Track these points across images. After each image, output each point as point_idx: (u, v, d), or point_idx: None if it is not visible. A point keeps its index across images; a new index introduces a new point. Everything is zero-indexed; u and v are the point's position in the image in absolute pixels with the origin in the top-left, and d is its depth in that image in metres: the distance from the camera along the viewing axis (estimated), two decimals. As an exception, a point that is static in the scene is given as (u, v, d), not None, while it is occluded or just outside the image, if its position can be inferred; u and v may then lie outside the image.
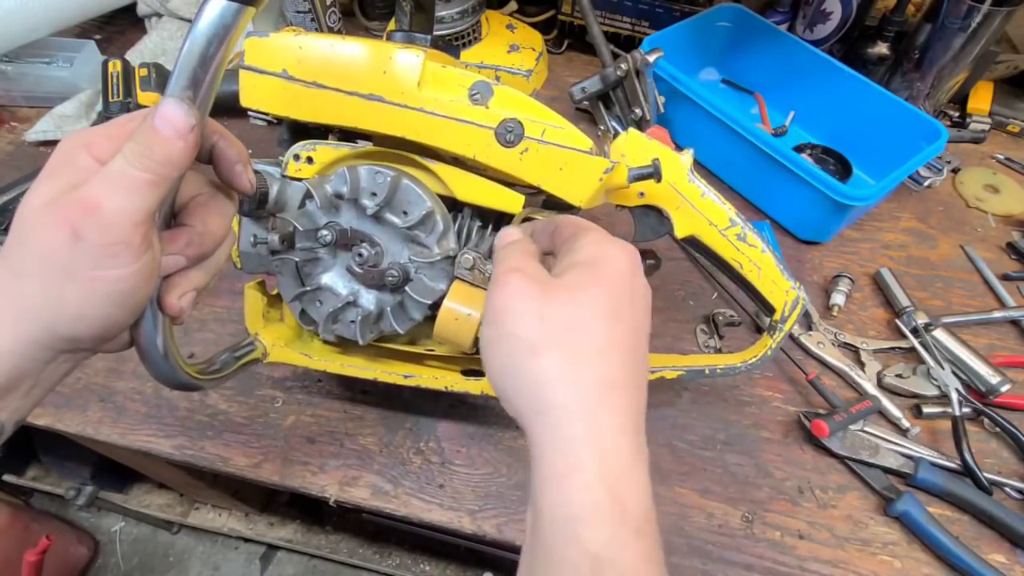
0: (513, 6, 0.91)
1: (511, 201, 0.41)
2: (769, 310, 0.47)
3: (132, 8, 0.87)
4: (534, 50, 0.84)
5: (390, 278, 0.41)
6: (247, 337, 0.46)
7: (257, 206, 0.40)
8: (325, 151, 0.42)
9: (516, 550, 0.51)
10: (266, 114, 0.41)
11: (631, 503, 0.26)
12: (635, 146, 0.43)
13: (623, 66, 0.71)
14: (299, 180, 0.42)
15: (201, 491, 1.07)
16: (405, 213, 0.41)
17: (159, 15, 0.87)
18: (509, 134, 0.38)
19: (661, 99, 0.75)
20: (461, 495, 0.51)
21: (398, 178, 0.40)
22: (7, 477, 1.17)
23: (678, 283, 0.66)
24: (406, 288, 0.42)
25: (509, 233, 0.36)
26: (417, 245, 0.42)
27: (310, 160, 0.42)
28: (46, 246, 0.25)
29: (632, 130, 0.44)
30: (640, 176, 0.41)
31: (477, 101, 0.39)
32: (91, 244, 0.24)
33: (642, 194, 0.45)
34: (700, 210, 0.45)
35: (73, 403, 0.55)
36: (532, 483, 0.27)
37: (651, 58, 0.69)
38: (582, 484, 0.25)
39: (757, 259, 0.46)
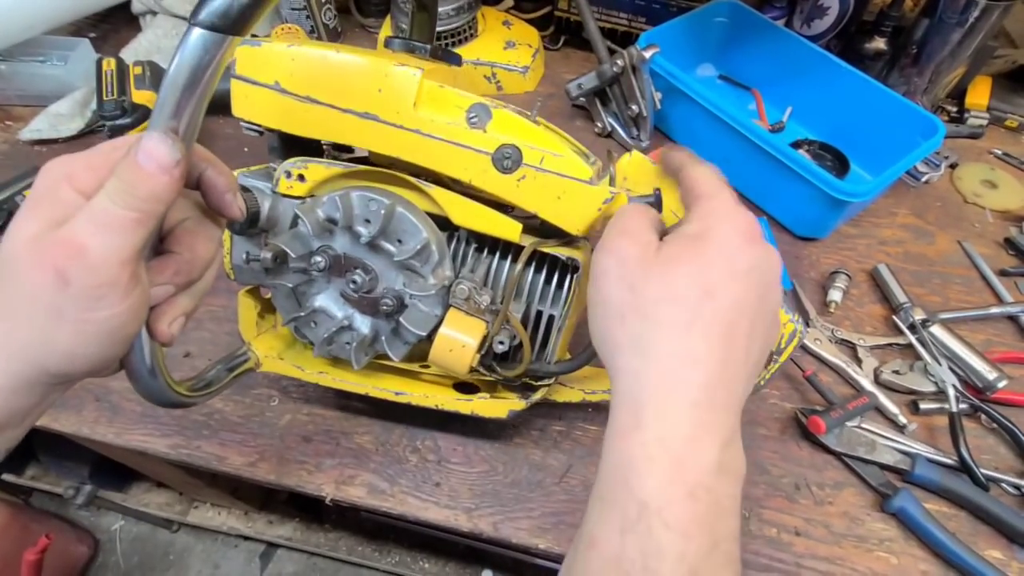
0: (509, 2, 0.91)
1: (508, 228, 0.40)
2: None
3: (126, 6, 0.87)
4: (530, 47, 0.84)
5: (384, 306, 0.40)
6: (240, 348, 0.46)
7: (249, 225, 0.39)
8: (317, 169, 0.40)
9: (514, 548, 0.51)
10: (258, 126, 0.40)
11: (690, 469, 0.26)
12: (638, 170, 0.42)
13: (619, 62, 0.71)
14: (291, 198, 0.41)
15: (200, 489, 1.07)
16: (400, 242, 0.40)
17: (153, 13, 0.87)
18: (507, 160, 0.37)
19: (658, 95, 0.75)
20: (457, 493, 0.51)
21: (392, 207, 0.39)
22: (6, 476, 1.17)
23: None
24: (400, 318, 0.41)
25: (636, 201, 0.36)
26: (412, 273, 0.41)
27: (302, 178, 0.41)
28: (32, 289, 0.24)
29: (636, 153, 0.43)
30: None
31: (475, 124, 0.38)
32: (78, 287, 0.24)
33: None
34: None
35: (69, 403, 0.55)
36: (606, 432, 0.29)
37: (647, 54, 0.69)
38: (640, 441, 0.26)
39: None
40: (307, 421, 0.55)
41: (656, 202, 0.40)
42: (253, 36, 0.39)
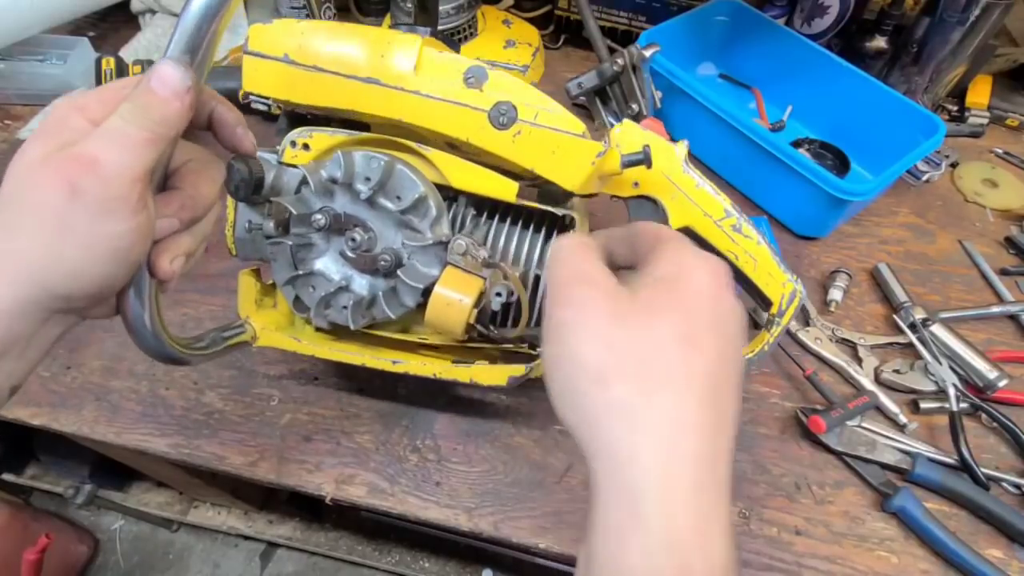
0: (509, 1, 0.90)
1: (505, 188, 0.41)
2: (766, 304, 0.47)
3: (126, 5, 0.87)
4: (530, 45, 0.84)
5: (383, 262, 0.41)
6: (237, 320, 0.46)
7: (253, 191, 0.41)
8: (321, 138, 0.42)
9: (514, 547, 0.51)
10: (267, 98, 0.42)
11: (698, 573, 0.22)
12: (629, 136, 0.44)
13: (620, 61, 0.71)
14: (295, 167, 0.43)
15: (200, 489, 1.07)
16: (399, 198, 0.41)
17: (153, 12, 0.87)
18: (502, 116, 0.39)
19: (658, 94, 0.75)
20: (458, 492, 0.51)
21: (392, 163, 0.40)
22: (6, 476, 1.17)
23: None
24: (398, 272, 0.42)
25: (570, 234, 0.34)
26: (410, 230, 0.42)
27: (306, 147, 0.42)
28: (43, 202, 0.25)
29: (627, 121, 0.45)
30: (631, 162, 0.41)
31: (472, 85, 0.39)
32: (89, 199, 0.25)
33: (636, 184, 0.45)
34: (695, 200, 0.45)
35: (68, 402, 0.55)
36: (590, 522, 0.24)
37: (648, 53, 0.69)
38: (644, 548, 0.22)
39: (753, 251, 0.45)
40: (307, 421, 0.54)
41: (646, 158, 0.41)
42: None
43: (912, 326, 0.59)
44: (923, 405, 0.56)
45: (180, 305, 0.61)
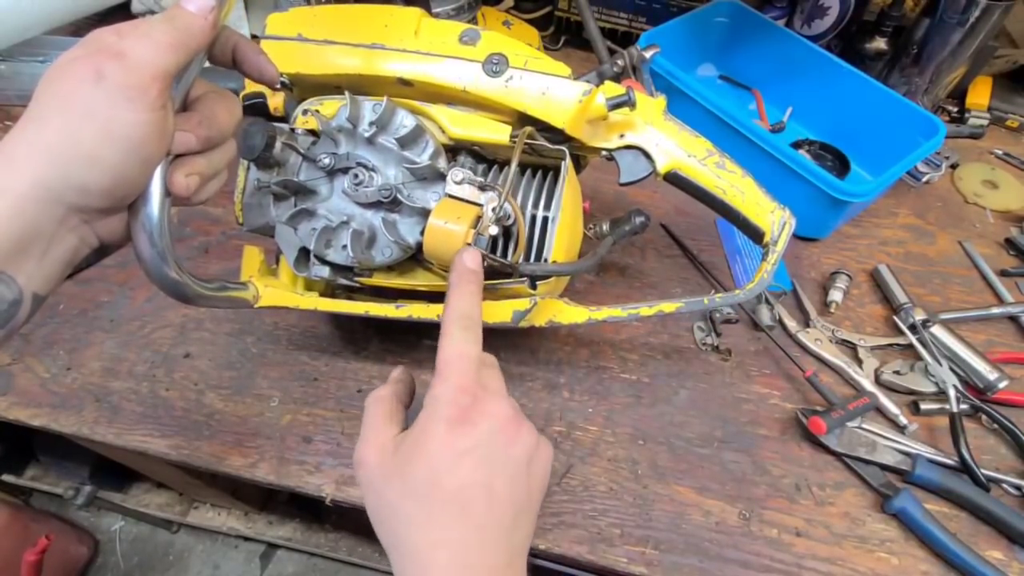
0: (509, 2, 0.90)
1: (498, 130, 0.46)
2: (759, 235, 0.48)
3: (126, 6, 0.87)
4: (530, 46, 0.84)
5: (383, 192, 0.44)
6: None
7: (264, 148, 0.42)
8: (331, 104, 0.47)
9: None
10: (282, 76, 0.46)
11: None
12: (613, 89, 0.47)
13: (620, 62, 0.71)
14: (306, 132, 0.46)
15: (200, 490, 1.07)
16: (398, 137, 0.44)
17: (153, 12, 0.87)
18: (495, 65, 0.43)
19: (658, 95, 0.75)
20: (458, 494, 0.51)
21: (393, 105, 0.44)
22: (6, 477, 1.17)
23: (675, 280, 0.65)
24: (397, 199, 0.44)
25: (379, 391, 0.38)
26: (409, 166, 0.44)
27: (317, 113, 0.46)
28: (70, 86, 0.27)
29: (608, 81, 0.48)
30: (617, 104, 0.44)
31: (466, 43, 0.44)
32: (111, 84, 0.27)
33: (623, 136, 0.48)
34: (678, 144, 0.48)
35: (68, 403, 0.55)
36: None
37: (648, 54, 0.69)
38: None
39: (738, 184, 0.48)
40: (307, 422, 0.54)
41: (629, 99, 0.44)
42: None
43: (912, 327, 0.59)
44: (923, 406, 0.56)
45: (181, 304, 0.61)
